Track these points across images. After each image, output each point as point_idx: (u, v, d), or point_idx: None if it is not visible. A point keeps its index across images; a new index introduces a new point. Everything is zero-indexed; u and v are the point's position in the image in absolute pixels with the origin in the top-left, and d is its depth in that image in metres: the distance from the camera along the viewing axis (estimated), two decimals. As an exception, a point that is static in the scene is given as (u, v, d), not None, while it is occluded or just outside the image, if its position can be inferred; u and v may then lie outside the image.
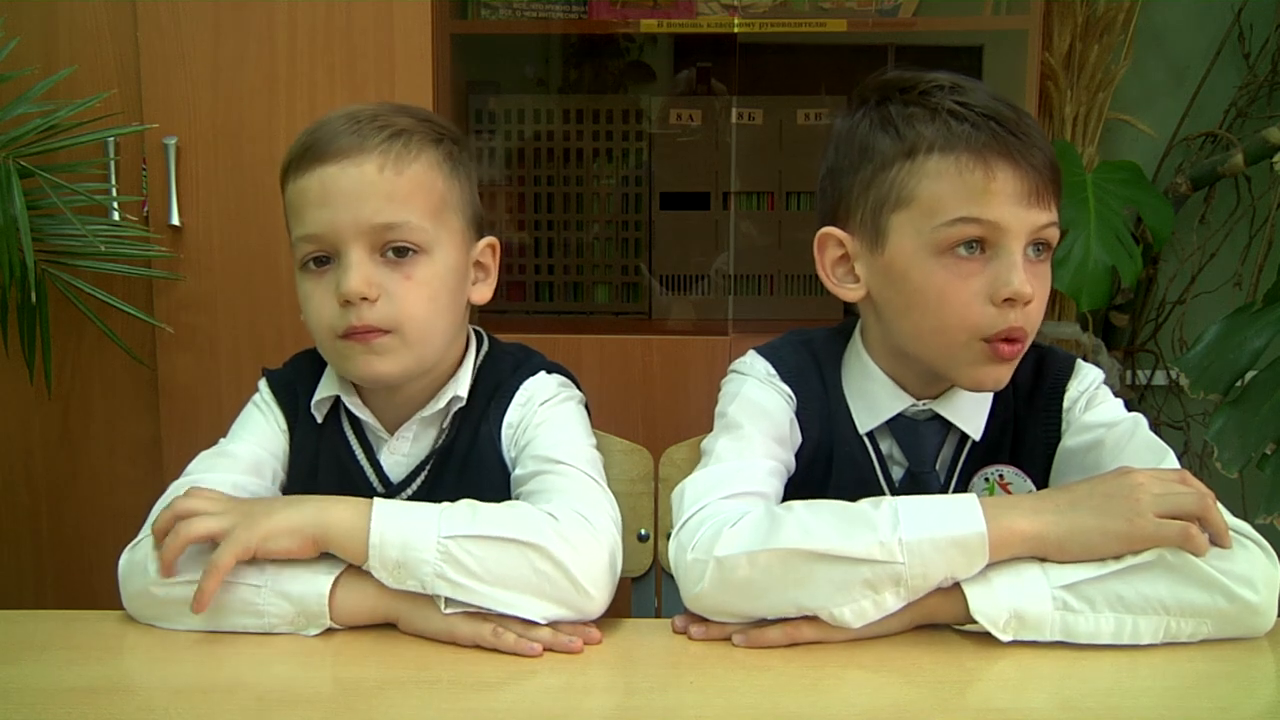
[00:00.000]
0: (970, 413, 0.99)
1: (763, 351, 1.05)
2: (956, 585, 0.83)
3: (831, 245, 0.98)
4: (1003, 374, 0.93)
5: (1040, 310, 0.93)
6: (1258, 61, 1.95)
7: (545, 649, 0.83)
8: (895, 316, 0.96)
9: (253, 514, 0.86)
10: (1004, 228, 0.89)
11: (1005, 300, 0.89)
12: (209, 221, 1.63)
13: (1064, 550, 0.83)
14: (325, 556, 0.87)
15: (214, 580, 0.84)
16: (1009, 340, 0.91)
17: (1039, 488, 0.99)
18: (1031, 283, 0.90)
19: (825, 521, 0.84)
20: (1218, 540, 0.83)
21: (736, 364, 1.06)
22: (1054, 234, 0.93)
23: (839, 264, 0.99)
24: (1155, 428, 0.91)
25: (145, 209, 1.63)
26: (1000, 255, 0.90)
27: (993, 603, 0.82)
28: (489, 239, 1.05)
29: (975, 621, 0.82)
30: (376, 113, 0.97)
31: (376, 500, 0.87)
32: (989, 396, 0.99)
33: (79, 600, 1.71)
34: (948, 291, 0.91)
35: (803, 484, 0.98)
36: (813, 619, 0.84)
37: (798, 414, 1.00)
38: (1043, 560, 0.84)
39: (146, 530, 0.91)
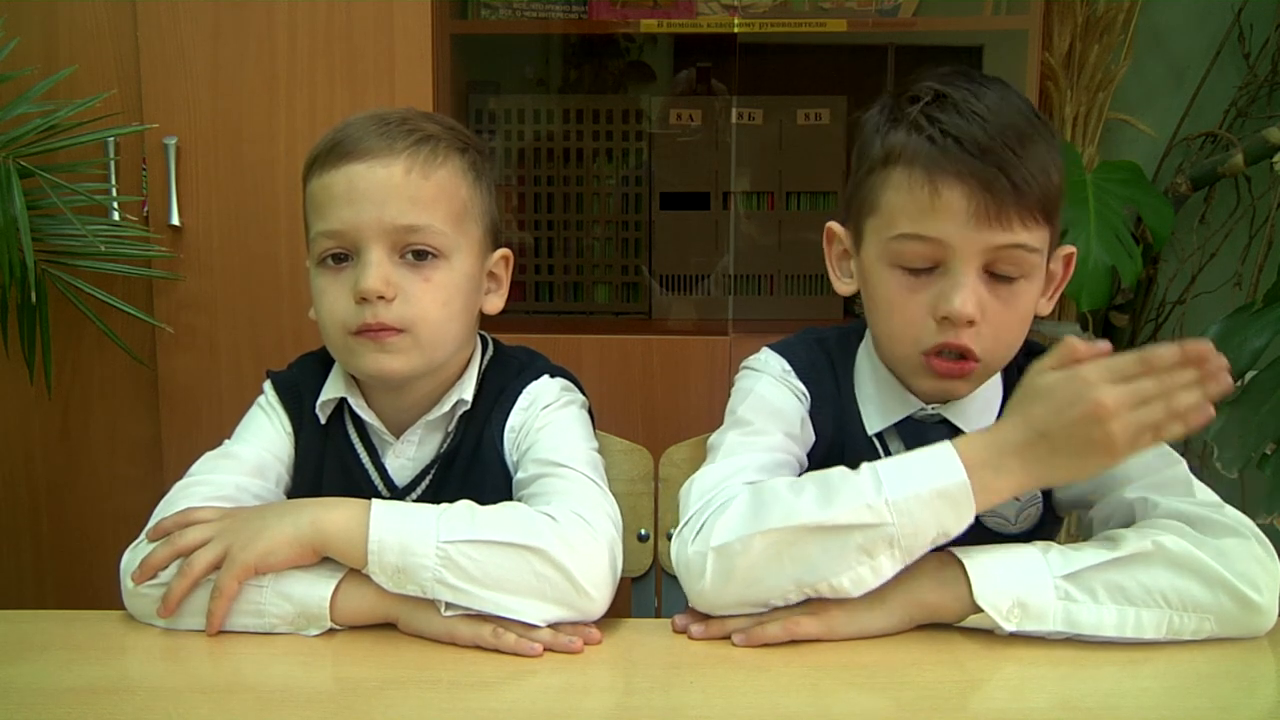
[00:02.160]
0: (977, 418, 0.98)
1: (777, 348, 1.05)
2: (958, 580, 0.83)
3: (836, 239, 1.01)
4: (950, 387, 0.94)
5: (1003, 334, 0.91)
6: (1258, 61, 1.95)
7: (545, 649, 0.83)
8: (868, 316, 0.99)
9: (247, 532, 0.86)
10: (951, 246, 0.89)
11: (944, 318, 0.89)
12: (209, 221, 1.63)
13: (1047, 485, 0.86)
14: (327, 558, 0.87)
15: (223, 604, 0.85)
16: (952, 357, 0.91)
17: (1042, 492, 0.98)
18: (989, 305, 0.89)
19: (809, 494, 0.84)
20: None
21: (750, 360, 1.05)
22: (1022, 256, 0.89)
23: (841, 258, 1.02)
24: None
25: (145, 209, 1.63)
26: (948, 273, 0.90)
27: (996, 589, 0.82)
28: (503, 250, 1.05)
29: (978, 612, 0.82)
30: (405, 116, 0.98)
31: (374, 503, 0.87)
32: (996, 403, 0.99)
33: (79, 600, 1.71)
34: (896, 302, 0.93)
35: None
36: (811, 613, 0.84)
37: (811, 413, 1.00)
38: (1043, 549, 0.85)
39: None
